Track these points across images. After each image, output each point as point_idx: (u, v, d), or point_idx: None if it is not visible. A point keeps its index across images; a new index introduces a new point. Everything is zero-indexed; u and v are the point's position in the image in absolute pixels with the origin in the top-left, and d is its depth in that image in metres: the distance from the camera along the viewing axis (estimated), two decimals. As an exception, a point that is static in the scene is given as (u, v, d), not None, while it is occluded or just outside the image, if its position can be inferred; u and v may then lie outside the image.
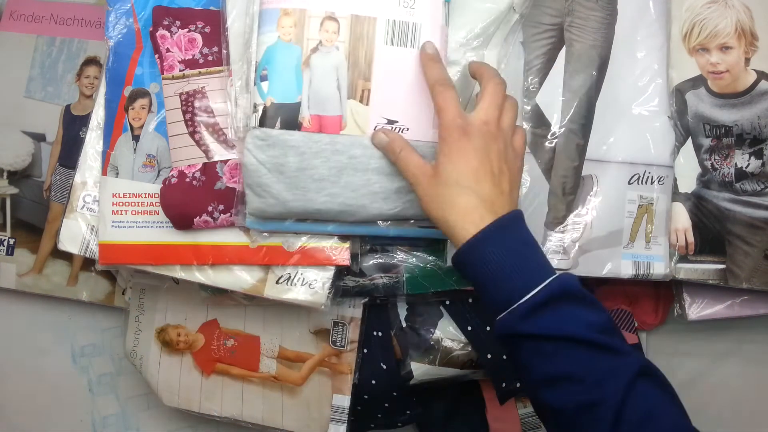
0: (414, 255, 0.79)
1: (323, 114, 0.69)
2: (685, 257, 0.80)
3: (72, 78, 0.93)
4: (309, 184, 0.69)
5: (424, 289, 0.78)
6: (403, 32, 0.70)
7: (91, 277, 0.93)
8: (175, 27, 0.75)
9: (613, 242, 0.79)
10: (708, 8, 0.80)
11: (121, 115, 0.77)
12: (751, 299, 0.83)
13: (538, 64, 0.79)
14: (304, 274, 0.75)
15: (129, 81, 0.77)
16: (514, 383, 0.81)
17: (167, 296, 0.86)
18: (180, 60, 0.75)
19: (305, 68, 0.69)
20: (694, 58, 0.80)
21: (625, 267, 0.79)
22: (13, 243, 0.93)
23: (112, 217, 0.76)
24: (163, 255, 0.75)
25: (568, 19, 0.79)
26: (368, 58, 0.70)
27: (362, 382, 0.82)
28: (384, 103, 0.70)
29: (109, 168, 0.77)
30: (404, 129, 0.70)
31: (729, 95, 0.79)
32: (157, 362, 0.86)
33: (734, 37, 0.79)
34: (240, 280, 0.76)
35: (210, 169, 0.74)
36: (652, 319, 0.96)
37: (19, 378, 0.97)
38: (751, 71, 0.79)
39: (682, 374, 0.98)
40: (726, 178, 0.80)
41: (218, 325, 0.85)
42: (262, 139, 0.68)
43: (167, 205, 0.73)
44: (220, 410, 0.85)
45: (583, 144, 0.79)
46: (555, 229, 0.78)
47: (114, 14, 0.77)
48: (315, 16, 0.69)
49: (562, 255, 0.78)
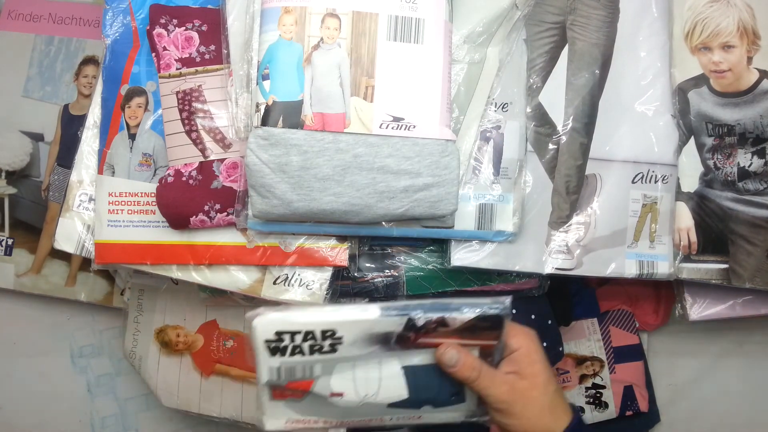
0: (414, 256, 0.78)
1: (326, 112, 0.69)
2: (688, 257, 0.79)
3: (70, 77, 0.93)
4: (313, 183, 0.68)
5: (425, 290, 0.78)
6: (406, 28, 0.69)
7: (89, 278, 0.92)
8: (172, 25, 0.75)
9: (617, 241, 0.79)
10: (710, 7, 0.79)
11: (117, 114, 0.77)
12: (753, 299, 0.83)
13: (540, 63, 0.78)
14: (301, 274, 0.75)
15: (126, 79, 0.76)
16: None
17: (166, 297, 0.86)
18: (177, 58, 0.74)
19: (307, 66, 0.69)
20: (696, 57, 0.79)
21: (629, 266, 0.79)
22: (12, 243, 0.93)
23: (108, 216, 0.75)
24: (159, 254, 0.75)
25: (570, 18, 0.79)
26: (371, 55, 0.69)
27: (362, 383, 0.81)
28: (389, 100, 0.69)
29: (105, 167, 0.76)
30: (411, 126, 0.70)
31: (731, 94, 0.79)
32: (156, 363, 0.86)
33: (736, 36, 0.79)
34: (237, 281, 0.75)
35: (206, 168, 0.74)
36: (653, 319, 0.96)
37: (18, 379, 0.97)
38: (753, 70, 0.79)
39: (683, 374, 0.98)
40: (729, 177, 0.79)
41: (217, 326, 0.85)
42: (265, 138, 0.68)
43: (163, 204, 0.73)
44: (220, 411, 0.85)
45: (586, 143, 0.78)
46: (559, 229, 0.78)
47: (111, 12, 0.77)
48: (316, 13, 0.68)
49: (566, 254, 0.78)
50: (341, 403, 0.59)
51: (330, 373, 0.58)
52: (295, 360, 0.57)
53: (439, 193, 0.70)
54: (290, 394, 0.59)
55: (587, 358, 0.93)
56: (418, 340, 0.58)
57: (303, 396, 0.59)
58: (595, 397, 0.93)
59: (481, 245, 0.76)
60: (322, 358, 0.57)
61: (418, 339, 0.58)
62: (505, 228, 0.76)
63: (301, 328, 0.56)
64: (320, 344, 0.56)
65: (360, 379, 0.59)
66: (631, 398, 0.93)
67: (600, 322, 0.94)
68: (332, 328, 0.56)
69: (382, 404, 0.59)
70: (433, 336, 0.58)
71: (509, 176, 0.76)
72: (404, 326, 0.57)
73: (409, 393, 0.59)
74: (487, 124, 0.76)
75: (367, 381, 0.59)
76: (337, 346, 0.57)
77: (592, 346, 0.94)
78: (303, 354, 0.57)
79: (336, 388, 0.58)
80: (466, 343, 0.58)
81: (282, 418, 0.60)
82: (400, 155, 0.69)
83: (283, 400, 0.59)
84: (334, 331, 0.56)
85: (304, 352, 0.56)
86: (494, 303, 0.57)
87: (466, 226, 0.75)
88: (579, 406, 0.93)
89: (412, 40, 0.70)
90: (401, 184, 0.69)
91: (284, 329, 0.56)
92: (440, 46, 0.70)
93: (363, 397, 0.59)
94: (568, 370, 0.93)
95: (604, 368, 0.93)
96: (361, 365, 0.58)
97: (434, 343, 0.58)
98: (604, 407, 0.93)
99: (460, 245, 0.76)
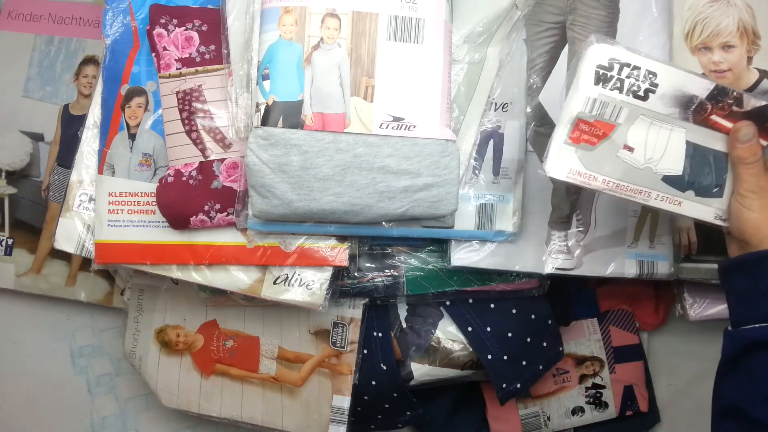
0: (414, 256, 0.78)
1: (326, 112, 0.69)
2: (688, 257, 0.79)
3: (70, 77, 0.93)
4: (313, 183, 0.68)
5: (425, 289, 0.78)
6: (406, 28, 0.69)
7: (89, 278, 0.92)
8: (172, 25, 0.75)
9: (617, 242, 0.79)
10: (710, 7, 0.79)
11: (117, 114, 0.77)
12: (754, 299, 0.83)
13: (541, 63, 0.78)
14: (301, 274, 0.75)
15: (126, 79, 0.76)
16: (514, 384, 0.81)
17: (166, 297, 0.86)
18: (177, 58, 0.74)
19: (307, 66, 0.69)
20: (696, 57, 0.79)
21: (629, 266, 0.79)
22: (12, 243, 0.93)
23: (108, 216, 0.75)
24: (159, 254, 0.75)
25: (570, 18, 0.79)
26: (371, 55, 0.69)
27: (362, 383, 0.81)
28: (389, 100, 0.69)
29: (105, 167, 0.76)
30: (411, 126, 0.70)
31: (732, 94, 0.79)
32: (156, 363, 0.86)
33: (736, 36, 0.79)
34: (237, 281, 0.75)
35: (206, 168, 0.74)
36: (653, 319, 0.96)
37: (18, 379, 0.97)
38: (753, 70, 0.79)
39: (683, 374, 0.98)
40: (729, 177, 0.79)
41: (217, 326, 0.85)
42: (265, 138, 0.68)
43: (163, 204, 0.73)
44: (220, 411, 0.85)
45: (586, 143, 0.78)
46: (559, 229, 0.78)
47: (111, 12, 0.77)
48: (316, 13, 0.68)
49: (566, 254, 0.78)
50: (628, 160, 0.64)
51: (631, 123, 0.64)
52: (612, 96, 0.63)
53: (439, 193, 0.70)
54: (587, 138, 0.64)
55: (587, 358, 0.93)
56: (711, 115, 0.64)
57: (598, 143, 0.64)
58: (595, 397, 0.93)
59: (481, 245, 0.76)
60: (633, 102, 0.63)
61: (713, 114, 0.64)
62: (505, 228, 0.76)
63: (631, 60, 0.63)
64: (639, 84, 0.63)
65: (651, 142, 0.64)
66: (631, 398, 0.93)
67: (600, 322, 0.94)
68: (656, 70, 0.63)
69: (658, 175, 0.65)
70: (726, 117, 0.64)
71: (509, 176, 0.76)
72: (710, 92, 0.64)
73: (683, 169, 0.65)
74: (487, 124, 0.76)
75: (656, 144, 0.64)
76: (650, 93, 0.63)
77: (592, 346, 0.94)
78: (620, 91, 0.63)
79: (630, 140, 0.64)
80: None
81: (566, 167, 0.64)
82: (400, 155, 0.69)
83: (576, 145, 0.64)
84: (656, 74, 0.63)
85: (622, 89, 0.63)
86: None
87: (466, 226, 0.76)
88: (579, 406, 0.93)
89: (412, 40, 0.70)
90: (401, 184, 0.69)
91: (618, 58, 0.63)
92: (440, 46, 0.70)
93: (647, 159, 0.64)
94: (568, 370, 0.93)
95: (604, 368, 0.93)
96: (656, 127, 0.64)
97: (723, 126, 0.65)
98: (604, 407, 0.93)
99: (460, 245, 0.76)
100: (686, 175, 0.65)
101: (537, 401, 0.92)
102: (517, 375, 0.81)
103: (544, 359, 0.83)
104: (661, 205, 0.66)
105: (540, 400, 0.92)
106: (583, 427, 0.94)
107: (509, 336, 0.80)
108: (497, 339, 0.80)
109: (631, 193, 0.65)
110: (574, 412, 0.93)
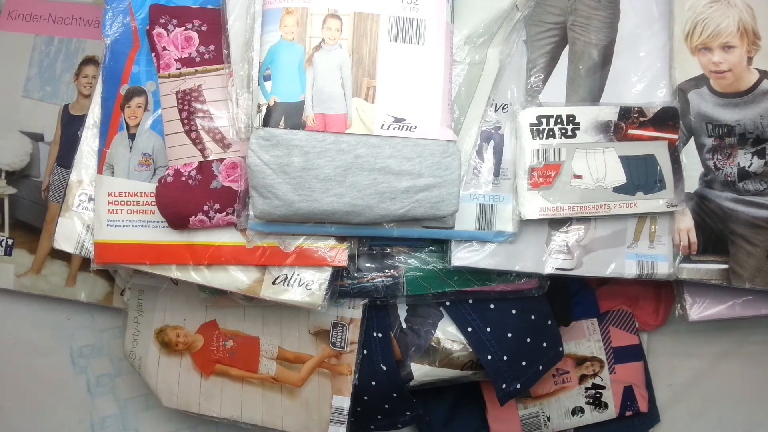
0: (414, 256, 0.78)
1: (327, 112, 0.69)
2: (688, 257, 0.79)
3: (70, 77, 0.93)
4: (314, 184, 0.68)
5: (425, 290, 0.78)
6: (407, 29, 0.69)
7: (89, 278, 0.92)
8: (172, 25, 0.75)
9: (617, 242, 0.79)
10: (710, 7, 0.79)
11: (117, 114, 0.77)
12: (753, 300, 0.83)
13: (541, 63, 0.78)
14: (300, 274, 0.75)
15: (125, 79, 0.76)
16: (514, 384, 0.81)
17: (166, 297, 0.86)
18: (176, 58, 0.74)
19: (308, 66, 0.68)
20: (696, 58, 0.79)
21: (629, 267, 0.79)
22: (12, 243, 0.93)
23: (107, 216, 0.75)
24: (158, 254, 0.75)
25: (570, 18, 0.79)
26: (372, 56, 0.69)
27: (362, 383, 0.81)
28: (390, 101, 0.69)
29: (104, 166, 0.76)
30: (412, 127, 0.70)
31: (731, 94, 0.79)
32: (156, 363, 0.86)
33: (736, 37, 0.79)
34: (236, 281, 0.75)
35: (206, 168, 0.74)
36: (653, 319, 0.96)
37: (18, 379, 0.97)
38: (753, 70, 0.79)
39: (682, 375, 0.98)
40: (729, 177, 0.79)
41: (217, 326, 0.85)
42: (266, 139, 0.68)
43: (163, 204, 0.73)
44: (219, 411, 0.85)
45: (586, 143, 0.78)
46: (559, 229, 0.78)
47: (111, 12, 0.77)
48: (317, 14, 0.68)
49: (566, 255, 0.78)
50: (581, 186, 0.75)
51: (572, 157, 0.75)
52: (549, 143, 0.75)
53: (441, 193, 0.70)
54: (543, 180, 0.75)
55: (587, 358, 0.93)
56: (628, 130, 0.76)
57: (553, 181, 0.75)
58: (594, 397, 0.93)
59: (481, 245, 0.76)
60: (566, 142, 0.75)
61: (629, 129, 0.76)
62: (505, 228, 0.76)
63: (553, 112, 0.75)
64: (565, 127, 0.75)
65: (592, 166, 0.75)
66: (631, 398, 0.93)
67: (600, 323, 0.94)
68: (573, 112, 0.76)
69: (609, 189, 0.76)
70: (639, 128, 0.76)
71: (509, 176, 0.76)
72: (618, 114, 0.76)
73: (626, 178, 0.76)
74: (488, 125, 0.76)
75: (597, 167, 0.75)
76: (576, 131, 0.75)
77: (592, 347, 0.94)
78: (554, 137, 0.75)
79: (577, 170, 0.75)
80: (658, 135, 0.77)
81: (536, 207, 0.75)
82: (402, 156, 0.69)
83: (537, 189, 0.75)
84: (574, 115, 0.75)
85: (555, 135, 0.75)
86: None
87: (466, 226, 0.76)
88: (578, 406, 0.93)
89: (414, 41, 0.70)
90: (402, 185, 0.69)
91: (542, 113, 0.75)
92: (441, 47, 0.70)
93: (596, 180, 0.75)
94: (567, 371, 0.93)
95: (604, 368, 0.93)
96: (591, 154, 0.75)
97: (641, 136, 0.76)
98: (604, 407, 0.93)
99: (461, 245, 0.76)
100: (631, 182, 0.76)
101: (537, 401, 0.92)
102: (516, 375, 0.81)
103: (543, 360, 0.83)
104: (621, 211, 0.76)
105: (540, 400, 0.92)
106: (582, 427, 0.94)
107: (509, 336, 0.80)
108: (497, 339, 0.80)
109: (594, 210, 0.76)
110: (574, 412, 0.93)
